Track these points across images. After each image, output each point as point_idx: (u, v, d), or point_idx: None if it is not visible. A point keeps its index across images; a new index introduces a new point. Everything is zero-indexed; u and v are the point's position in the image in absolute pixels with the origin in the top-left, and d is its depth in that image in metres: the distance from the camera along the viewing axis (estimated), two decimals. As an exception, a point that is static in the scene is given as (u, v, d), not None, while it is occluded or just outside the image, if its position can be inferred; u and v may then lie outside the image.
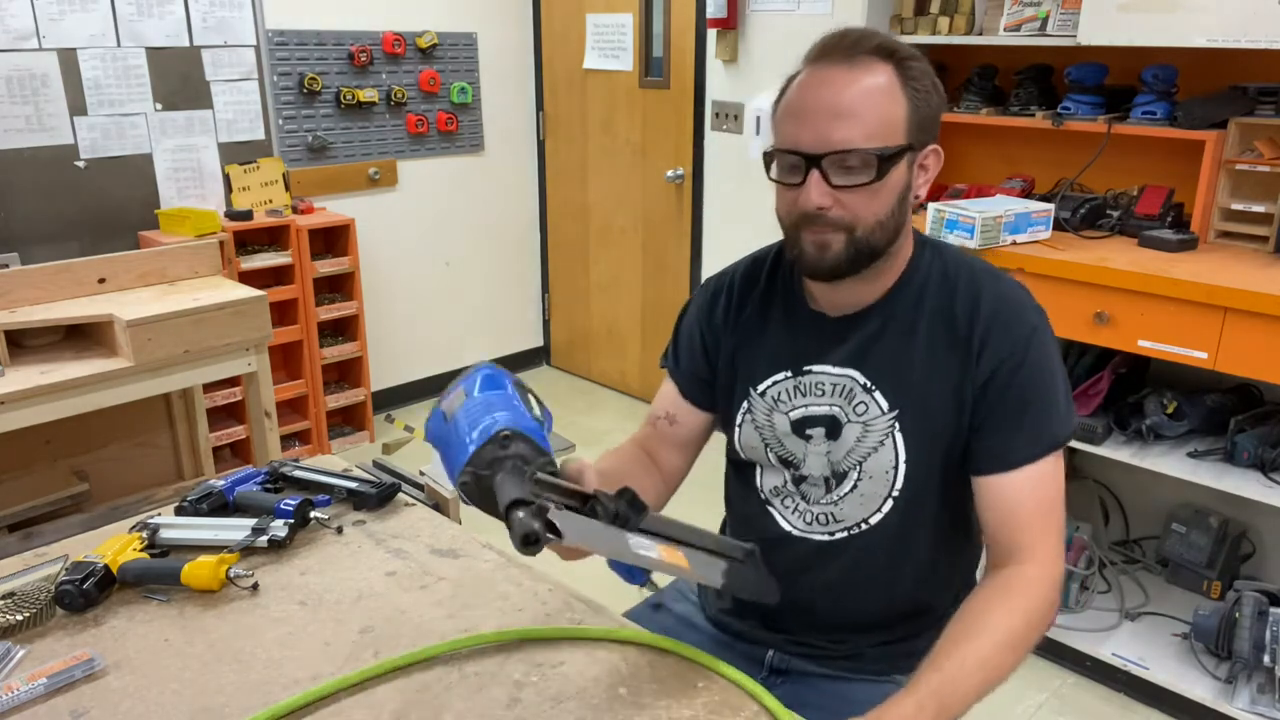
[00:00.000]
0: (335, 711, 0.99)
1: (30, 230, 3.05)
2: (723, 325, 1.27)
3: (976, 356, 1.11)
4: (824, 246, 1.08)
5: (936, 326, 1.14)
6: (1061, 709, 2.40)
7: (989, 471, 1.12)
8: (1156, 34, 2.25)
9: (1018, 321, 1.12)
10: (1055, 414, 1.12)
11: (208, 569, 1.18)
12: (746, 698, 1.01)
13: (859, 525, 1.20)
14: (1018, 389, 1.10)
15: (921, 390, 1.13)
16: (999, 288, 1.15)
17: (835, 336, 1.18)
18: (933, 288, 1.15)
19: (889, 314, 1.16)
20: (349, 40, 3.69)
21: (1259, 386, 2.41)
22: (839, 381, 1.17)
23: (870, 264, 1.11)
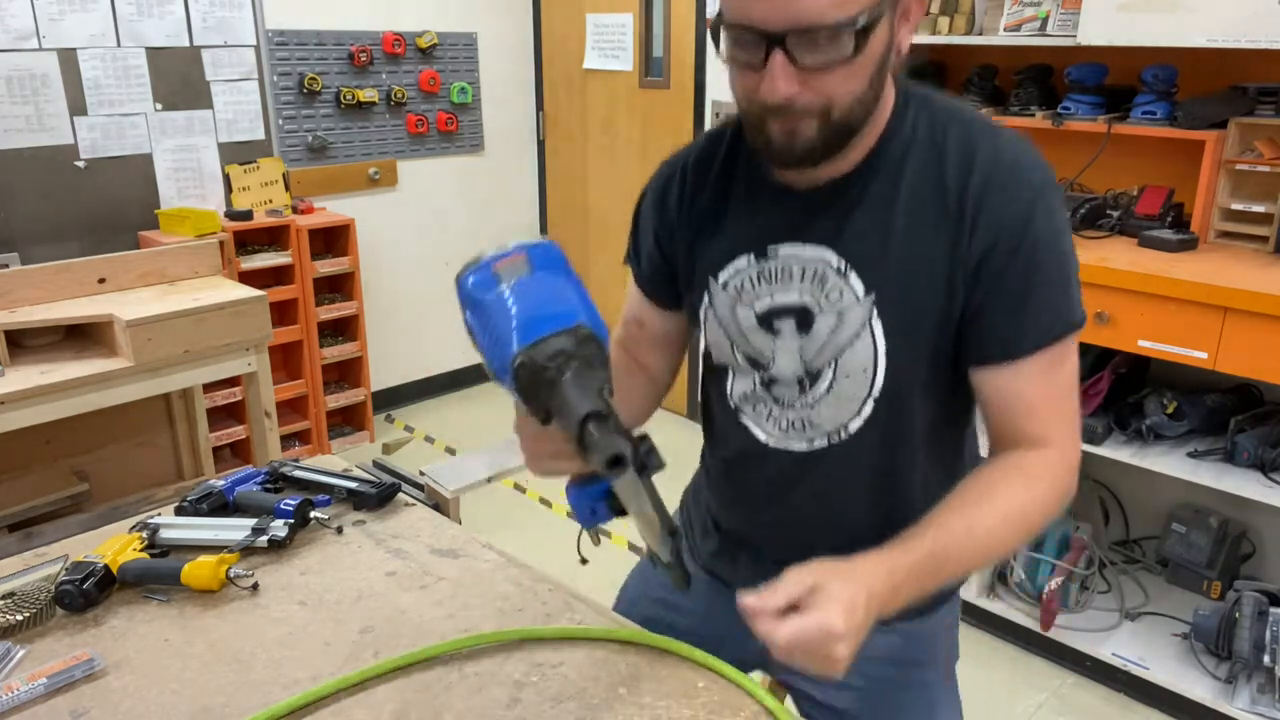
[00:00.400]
0: (335, 711, 0.99)
1: (30, 230, 3.05)
2: (677, 215, 1.12)
3: (970, 230, 0.94)
4: (793, 135, 0.91)
5: (922, 195, 0.97)
6: (1061, 709, 2.40)
7: (991, 362, 0.97)
8: (1156, 34, 2.25)
9: (1018, 183, 0.94)
10: (1066, 293, 0.96)
11: (208, 569, 1.18)
12: (746, 698, 1.01)
13: (839, 433, 1.05)
14: (1021, 266, 0.94)
15: (903, 270, 0.97)
16: (996, 144, 0.96)
17: (805, 211, 1.01)
18: (918, 149, 0.98)
19: (866, 183, 0.98)
20: (349, 40, 3.69)
21: (1259, 386, 2.41)
22: (810, 264, 1.01)
23: (849, 142, 0.95)
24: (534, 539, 2.88)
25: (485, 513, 3.13)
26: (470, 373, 4.44)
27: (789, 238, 1.02)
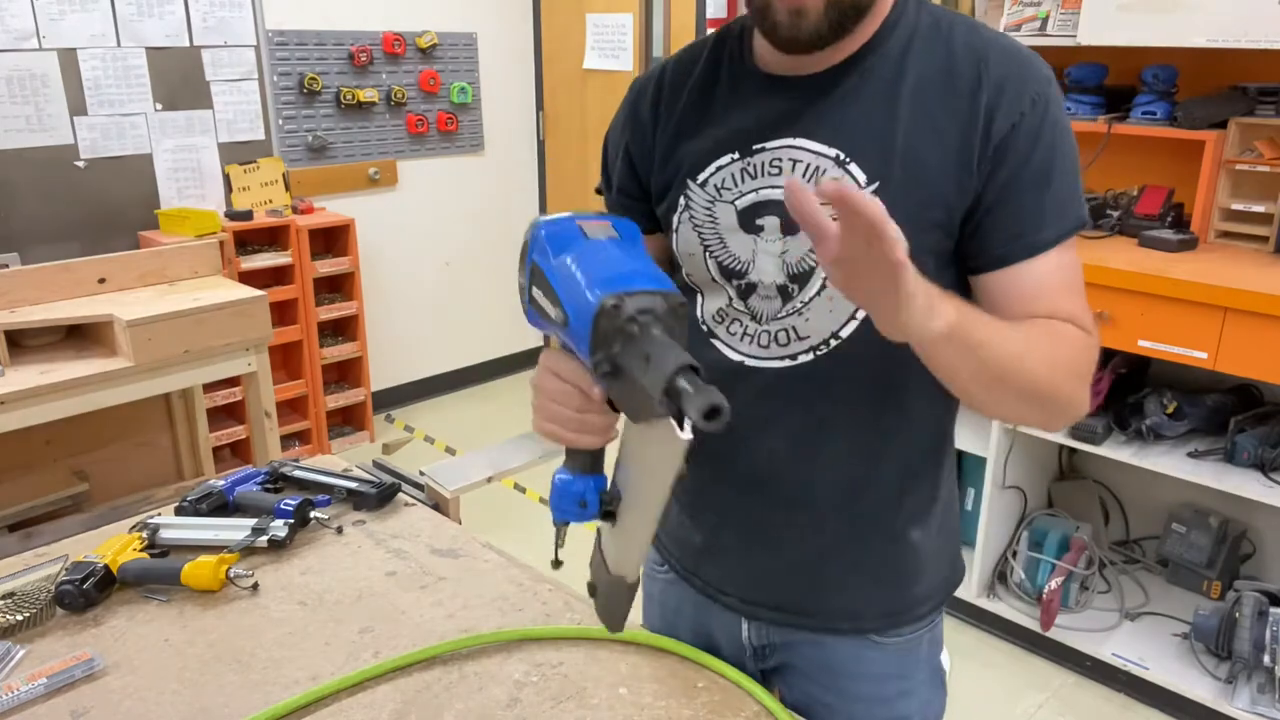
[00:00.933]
0: (335, 711, 0.99)
1: (30, 230, 3.05)
2: (651, 122, 1.04)
3: (987, 117, 0.88)
4: (800, 14, 0.86)
5: (930, 83, 0.91)
6: (1061, 709, 2.40)
7: (1011, 260, 0.90)
8: (1156, 34, 2.25)
9: (1033, 74, 0.90)
10: (1078, 187, 0.92)
11: (208, 569, 1.18)
12: (746, 698, 1.01)
13: (827, 342, 0.95)
14: (1042, 153, 0.89)
15: (910, 156, 0.90)
16: (1002, 40, 0.93)
17: (800, 102, 0.94)
18: (922, 39, 0.93)
19: (868, 69, 0.92)
20: (349, 40, 3.69)
21: (1259, 386, 2.41)
22: (804, 158, 0.93)
23: (855, 26, 0.90)
24: (534, 539, 2.87)
25: (485, 513, 3.13)
26: (470, 372, 4.44)
27: (781, 132, 0.94)
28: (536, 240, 0.80)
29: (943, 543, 1.08)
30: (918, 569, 1.06)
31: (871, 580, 1.05)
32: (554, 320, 0.77)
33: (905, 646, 1.09)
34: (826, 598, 1.06)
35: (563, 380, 0.81)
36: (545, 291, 0.78)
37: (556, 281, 0.77)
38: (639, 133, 1.05)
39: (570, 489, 0.85)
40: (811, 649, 1.08)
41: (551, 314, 0.78)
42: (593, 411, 0.81)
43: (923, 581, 1.07)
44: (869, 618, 1.06)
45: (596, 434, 0.83)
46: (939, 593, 1.10)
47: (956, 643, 2.63)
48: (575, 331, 0.74)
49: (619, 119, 1.10)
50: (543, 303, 0.79)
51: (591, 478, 0.85)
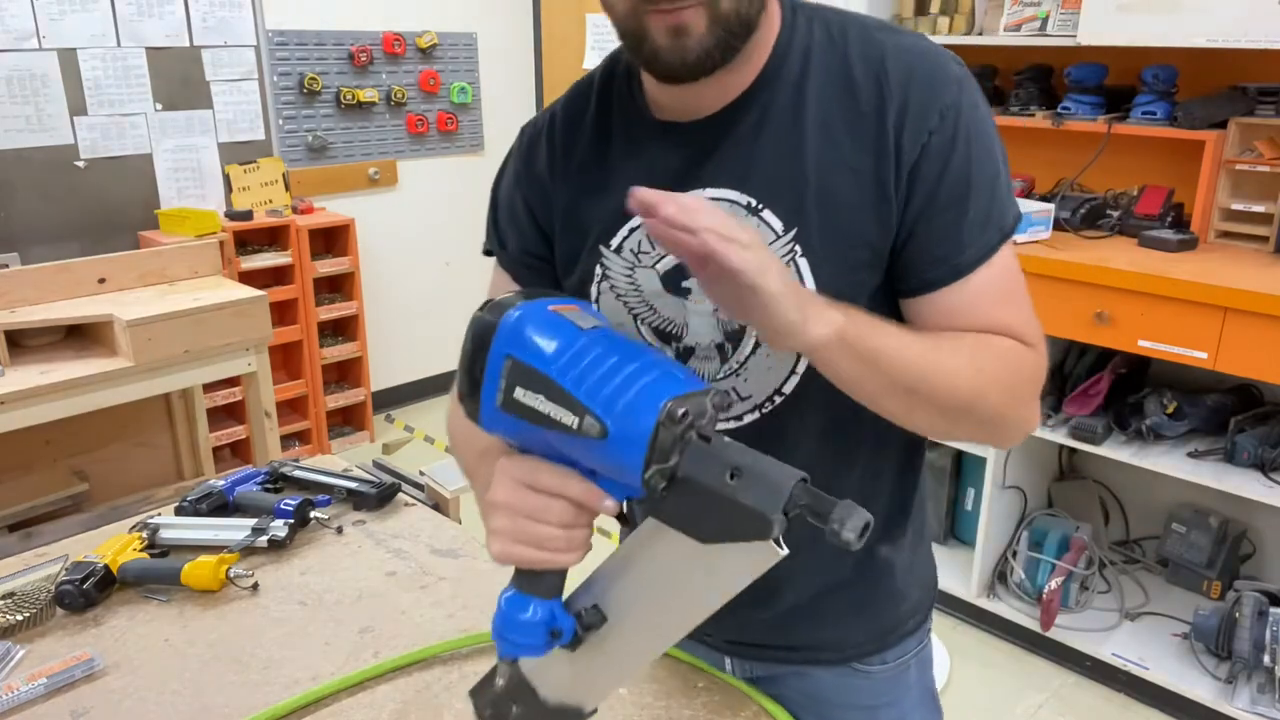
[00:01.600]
0: (335, 711, 0.99)
1: (30, 230, 3.05)
2: (549, 177, 0.95)
3: (895, 132, 0.82)
4: (681, 32, 0.77)
5: (830, 103, 0.84)
6: (1061, 709, 2.40)
7: (937, 285, 0.84)
8: (1156, 34, 2.25)
9: (940, 75, 0.83)
10: (1002, 191, 0.85)
11: (208, 569, 1.18)
12: (746, 698, 1.01)
13: (771, 400, 0.90)
14: (956, 171, 0.82)
15: (825, 196, 0.83)
16: (901, 40, 0.85)
17: (700, 149, 0.87)
18: (817, 56, 0.85)
19: (766, 103, 0.85)
20: (349, 40, 3.69)
21: (1259, 386, 2.41)
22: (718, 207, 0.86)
23: (739, 47, 0.81)
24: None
25: (485, 513, 3.13)
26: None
27: (687, 184, 0.87)
28: (507, 331, 0.69)
29: (916, 556, 1.06)
30: (896, 588, 1.03)
31: (853, 610, 1.02)
32: (565, 428, 0.66)
33: (893, 673, 1.06)
34: (810, 633, 1.04)
35: (541, 493, 0.71)
36: (547, 393, 0.67)
37: (572, 383, 0.66)
38: (536, 188, 0.97)
39: (534, 617, 0.73)
40: (798, 680, 1.07)
41: (565, 421, 0.66)
42: (581, 526, 0.72)
43: (907, 599, 1.05)
44: (854, 645, 1.04)
45: (582, 549, 0.73)
46: (922, 607, 1.08)
47: (956, 643, 2.63)
48: (615, 443, 0.64)
49: (510, 172, 1.00)
50: (540, 407, 0.67)
51: (556, 600, 0.74)
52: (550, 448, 0.70)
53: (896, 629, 1.05)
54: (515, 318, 0.69)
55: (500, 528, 0.73)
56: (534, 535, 0.72)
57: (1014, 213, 0.86)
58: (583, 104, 0.95)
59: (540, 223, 0.98)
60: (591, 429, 0.64)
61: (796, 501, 0.61)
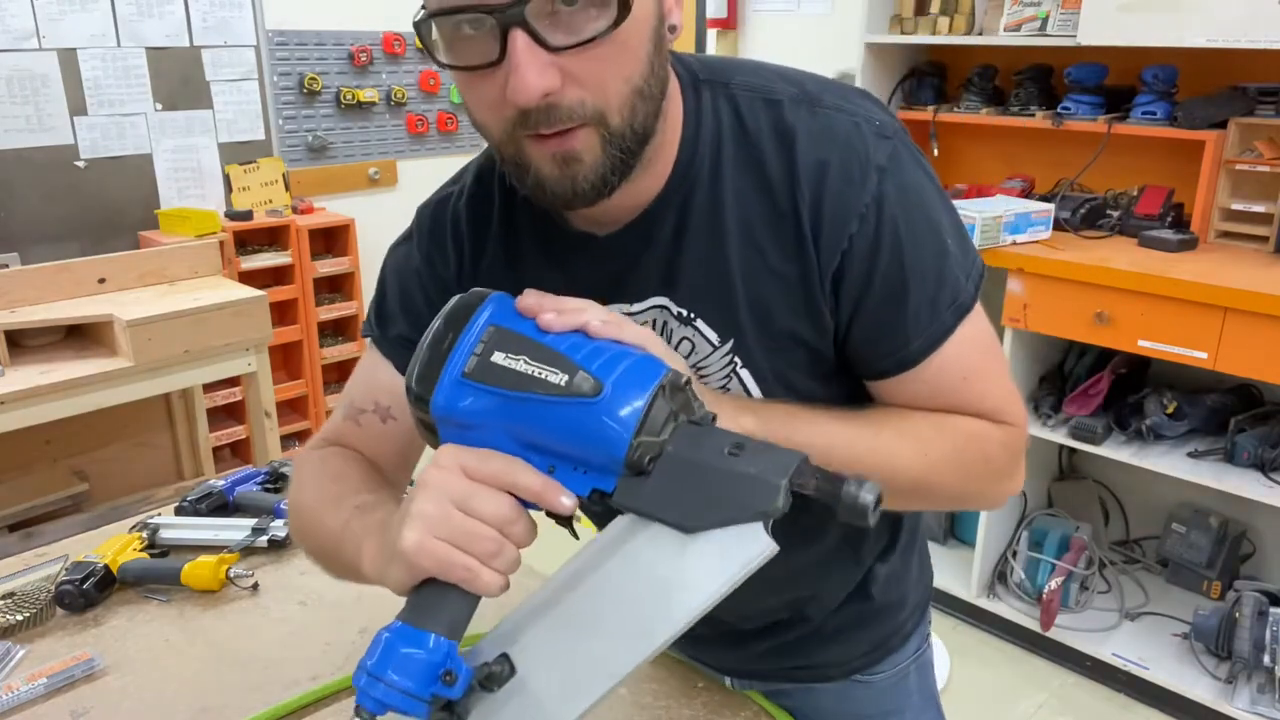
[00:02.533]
0: (335, 711, 0.99)
1: (30, 230, 3.05)
2: (457, 283, 0.85)
3: (813, 237, 0.75)
4: (571, 160, 0.68)
5: (748, 202, 0.77)
6: (1061, 709, 2.40)
7: (889, 375, 0.80)
8: (1156, 34, 2.25)
9: (857, 167, 0.74)
10: (951, 266, 0.78)
11: (208, 569, 1.18)
12: (746, 698, 1.01)
13: None
14: (886, 266, 0.75)
15: (756, 308, 0.78)
16: (815, 120, 0.76)
17: (619, 262, 0.80)
18: (728, 146, 0.77)
19: (682, 205, 0.77)
20: (349, 40, 3.69)
21: (1259, 386, 2.41)
22: (647, 318, 0.81)
23: (638, 157, 0.71)
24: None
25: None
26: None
27: (612, 297, 0.80)
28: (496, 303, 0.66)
29: (909, 561, 1.05)
30: (893, 599, 1.03)
31: (853, 626, 1.02)
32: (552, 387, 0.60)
33: (894, 680, 1.06)
34: (811, 654, 1.04)
35: (483, 482, 0.62)
36: (532, 354, 0.62)
37: (565, 347, 0.62)
38: (439, 290, 0.85)
39: (426, 658, 0.60)
40: (800, 694, 1.07)
41: (551, 380, 0.60)
42: (516, 532, 0.63)
43: (904, 607, 1.04)
44: (855, 659, 1.04)
45: (507, 572, 0.64)
46: (918, 609, 1.07)
47: (956, 643, 2.63)
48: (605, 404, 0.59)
49: (410, 263, 0.89)
50: (521, 367, 0.61)
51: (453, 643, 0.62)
52: (506, 434, 0.63)
53: (896, 634, 1.05)
54: (500, 296, 0.67)
55: (424, 511, 0.62)
56: (462, 528, 0.61)
57: (973, 279, 0.79)
58: (488, 200, 0.86)
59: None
60: (584, 384, 0.59)
61: (805, 473, 0.57)
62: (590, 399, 0.59)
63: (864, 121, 0.76)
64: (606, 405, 0.59)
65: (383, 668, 0.61)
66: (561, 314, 0.64)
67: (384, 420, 0.89)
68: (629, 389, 0.59)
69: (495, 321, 0.64)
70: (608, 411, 0.59)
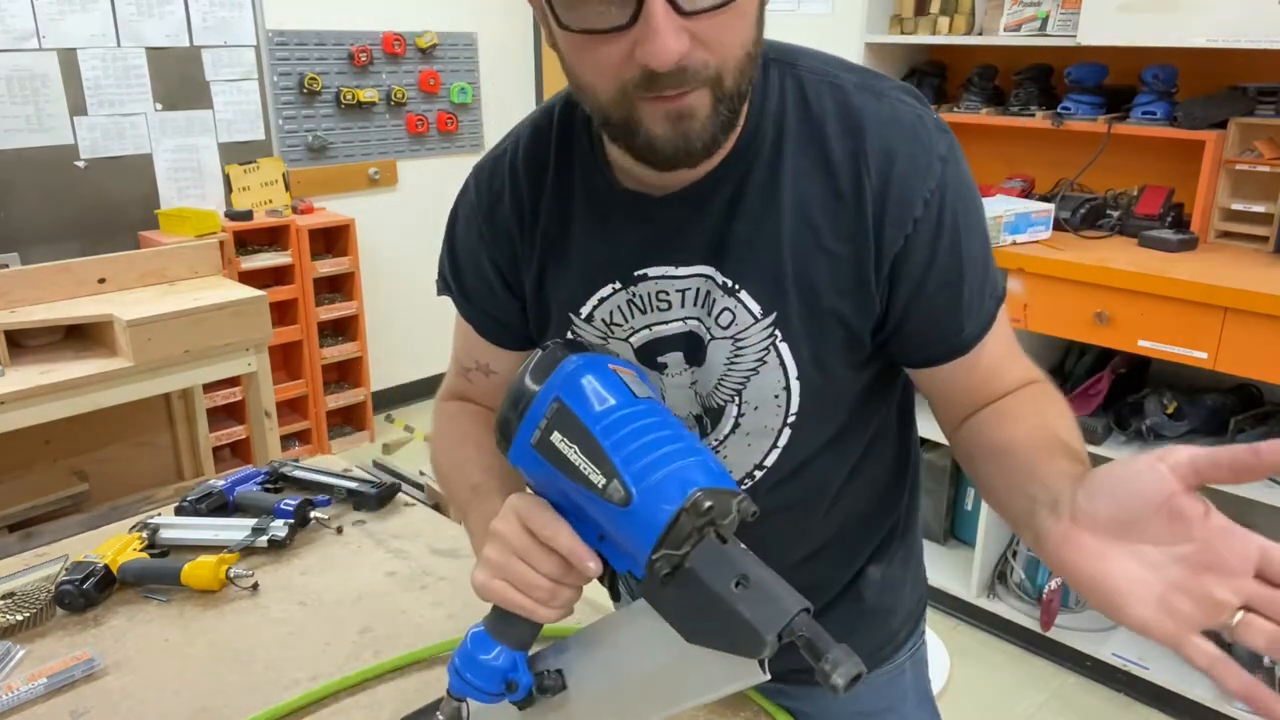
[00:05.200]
0: (335, 711, 0.99)
1: (30, 230, 3.05)
2: (520, 238, 0.88)
3: (876, 221, 0.77)
4: (685, 117, 0.68)
5: (807, 182, 0.78)
6: (1061, 709, 2.40)
7: (939, 362, 0.83)
8: (1156, 34, 2.25)
9: (924, 155, 0.76)
10: (992, 264, 0.83)
11: (208, 569, 1.17)
12: (746, 698, 1.01)
13: (751, 474, 0.89)
14: (945, 255, 0.78)
15: (803, 284, 0.79)
16: (882, 109, 0.77)
17: (672, 224, 0.81)
18: (792, 125, 0.78)
19: (741, 178, 0.78)
20: (349, 40, 3.69)
21: (1259, 386, 2.41)
22: (690, 285, 0.81)
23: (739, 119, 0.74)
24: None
25: (485, 513, 3.13)
26: (470, 373, 4.43)
27: (658, 259, 0.82)
28: (564, 375, 0.68)
29: (907, 572, 1.05)
30: (887, 606, 1.03)
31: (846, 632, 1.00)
32: (591, 485, 0.64)
33: (889, 677, 1.07)
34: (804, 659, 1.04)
35: (535, 537, 0.70)
36: (583, 446, 0.65)
37: (611, 445, 0.64)
38: (504, 245, 0.89)
39: (494, 662, 0.72)
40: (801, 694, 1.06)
41: (592, 479, 0.64)
42: (569, 585, 0.71)
43: (897, 614, 1.05)
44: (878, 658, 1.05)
45: (562, 610, 0.72)
46: (913, 616, 1.08)
47: (956, 643, 2.63)
48: (634, 515, 0.63)
49: (475, 224, 0.90)
50: (572, 457, 0.66)
51: (521, 654, 0.73)
52: (566, 498, 0.69)
53: (889, 643, 1.05)
54: (576, 364, 0.69)
55: (490, 558, 0.72)
56: (520, 576, 0.71)
57: (1002, 282, 0.85)
58: (542, 159, 0.86)
59: (512, 285, 0.91)
60: (615, 493, 0.63)
61: (796, 630, 0.59)
62: (620, 507, 0.63)
63: (925, 114, 0.79)
64: (632, 519, 0.63)
65: (462, 665, 0.73)
66: None
67: (486, 375, 0.97)
68: (656, 504, 0.62)
69: (560, 395, 0.68)
70: (634, 522, 0.63)
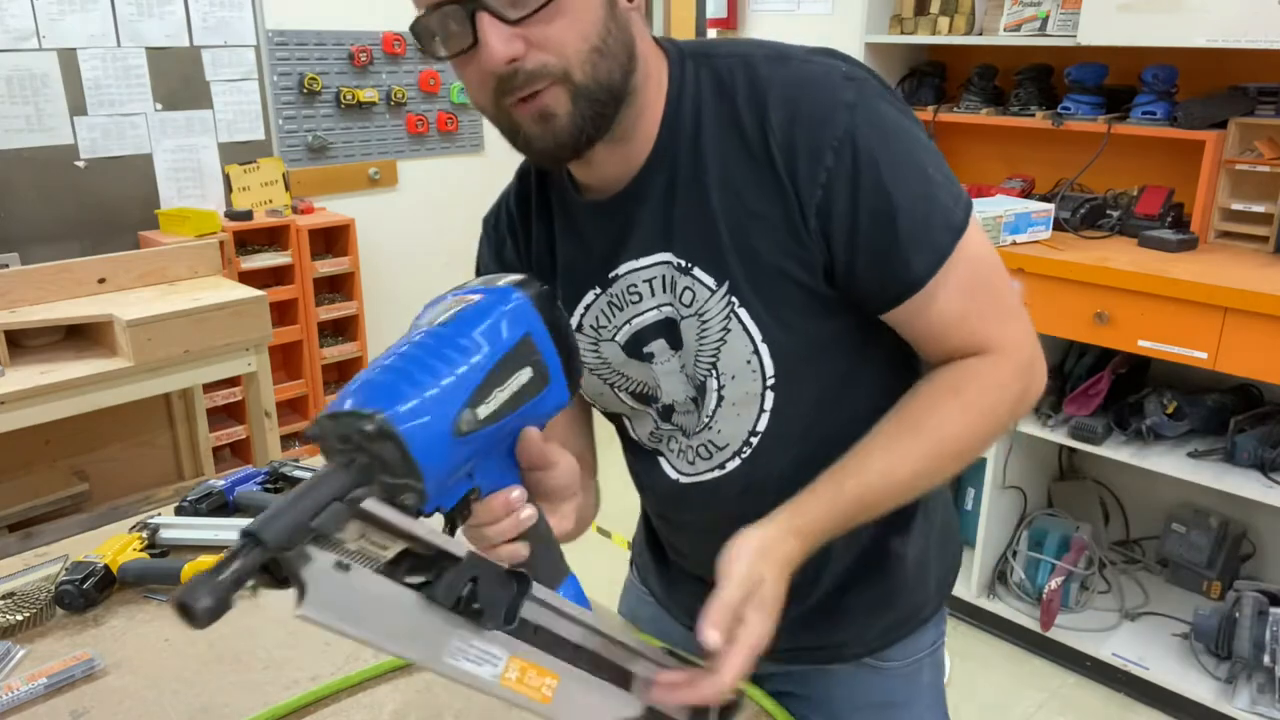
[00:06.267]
0: (335, 711, 0.99)
1: (30, 230, 3.05)
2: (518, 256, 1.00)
3: (790, 177, 0.81)
4: (548, 116, 0.78)
5: (727, 156, 0.84)
6: (1061, 709, 2.40)
7: (896, 303, 0.84)
8: (1156, 34, 2.25)
9: (825, 106, 0.80)
10: (938, 191, 0.83)
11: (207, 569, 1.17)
12: (746, 699, 1.01)
13: (748, 443, 0.93)
14: (872, 191, 0.80)
15: (743, 252, 0.84)
16: (788, 72, 0.82)
17: (624, 222, 0.88)
18: (708, 108, 0.85)
19: (670, 165, 0.86)
20: (349, 40, 3.69)
21: (1259, 386, 2.41)
22: (655, 273, 0.88)
23: (618, 113, 0.81)
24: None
25: (485, 513, 3.13)
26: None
27: (623, 257, 0.89)
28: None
29: (931, 546, 1.04)
30: (908, 581, 1.03)
31: (867, 606, 1.03)
32: None
33: (907, 671, 1.06)
34: (826, 633, 1.04)
35: None
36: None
37: None
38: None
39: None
40: (817, 676, 1.07)
41: None
42: None
43: (919, 591, 1.04)
44: (867, 641, 1.04)
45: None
46: (934, 598, 1.07)
47: (956, 643, 2.63)
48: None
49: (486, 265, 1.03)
50: None
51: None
52: None
53: (910, 620, 1.05)
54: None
55: None
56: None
57: (962, 205, 0.84)
58: (527, 192, 0.98)
59: None
60: None
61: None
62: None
63: (832, 69, 0.83)
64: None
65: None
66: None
67: None
68: None
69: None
70: None
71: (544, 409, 0.71)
